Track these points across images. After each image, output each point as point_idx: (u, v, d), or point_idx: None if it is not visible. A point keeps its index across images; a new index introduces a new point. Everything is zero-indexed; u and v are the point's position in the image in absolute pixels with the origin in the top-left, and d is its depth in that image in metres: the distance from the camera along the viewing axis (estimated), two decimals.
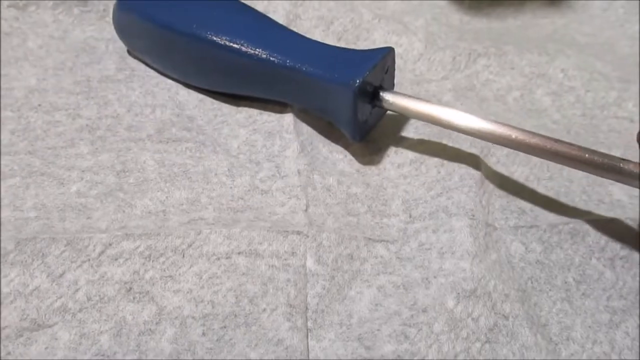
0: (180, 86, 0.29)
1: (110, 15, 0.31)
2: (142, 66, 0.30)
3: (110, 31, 0.30)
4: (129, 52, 0.30)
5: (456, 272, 0.22)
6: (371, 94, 0.25)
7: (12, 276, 0.21)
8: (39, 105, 0.27)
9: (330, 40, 0.32)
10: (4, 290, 0.21)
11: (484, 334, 0.20)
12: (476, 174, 0.25)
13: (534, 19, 0.34)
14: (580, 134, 0.27)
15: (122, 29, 0.29)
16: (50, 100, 0.27)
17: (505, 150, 0.26)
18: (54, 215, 0.23)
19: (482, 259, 0.22)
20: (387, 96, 0.25)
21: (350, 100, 0.24)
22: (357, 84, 0.24)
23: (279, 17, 0.33)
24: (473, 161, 0.26)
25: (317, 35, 0.32)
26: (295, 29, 0.33)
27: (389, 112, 0.27)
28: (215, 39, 0.26)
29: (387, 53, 0.25)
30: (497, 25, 0.34)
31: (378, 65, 0.25)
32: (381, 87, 0.26)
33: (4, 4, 0.30)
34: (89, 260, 0.22)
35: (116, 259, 0.22)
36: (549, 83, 0.30)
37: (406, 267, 0.22)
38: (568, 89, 0.30)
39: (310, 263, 0.22)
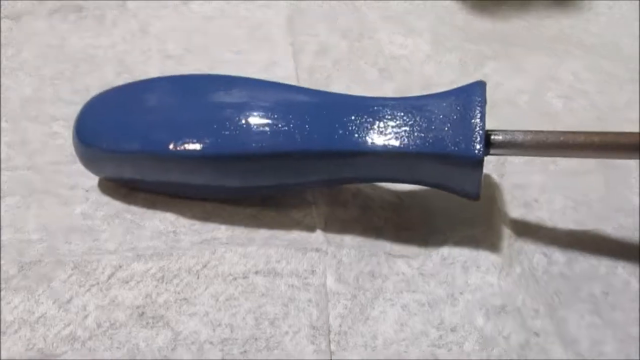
0: None
1: (108, 20, 0.29)
2: (141, 69, 0.28)
3: (108, 36, 0.29)
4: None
5: (483, 287, 0.21)
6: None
7: (16, 303, 0.20)
8: (36, 116, 0.26)
9: (335, 37, 0.31)
10: (8, 318, 0.20)
11: (515, 352, 0.20)
12: (493, 183, 0.24)
13: (539, 19, 0.34)
14: None
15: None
16: (48, 110, 0.26)
17: (523, 158, 0.25)
18: (58, 238, 0.22)
19: (508, 272, 0.21)
20: (499, 140, 0.21)
21: (475, 171, 0.20)
22: (481, 153, 0.20)
23: (281, 8, 0.32)
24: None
25: (321, 30, 0.31)
26: (299, 23, 0.31)
27: None
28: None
29: (484, 89, 0.21)
30: (502, 25, 0.33)
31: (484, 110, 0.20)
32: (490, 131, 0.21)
33: None
34: (98, 283, 0.21)
35: (127, 282, 0.21)
36: (560, 86, 0.29)
37: (430, 283, 0.21)
38: (579, 92, 0.29)
39: (330, 282, 0.21)
